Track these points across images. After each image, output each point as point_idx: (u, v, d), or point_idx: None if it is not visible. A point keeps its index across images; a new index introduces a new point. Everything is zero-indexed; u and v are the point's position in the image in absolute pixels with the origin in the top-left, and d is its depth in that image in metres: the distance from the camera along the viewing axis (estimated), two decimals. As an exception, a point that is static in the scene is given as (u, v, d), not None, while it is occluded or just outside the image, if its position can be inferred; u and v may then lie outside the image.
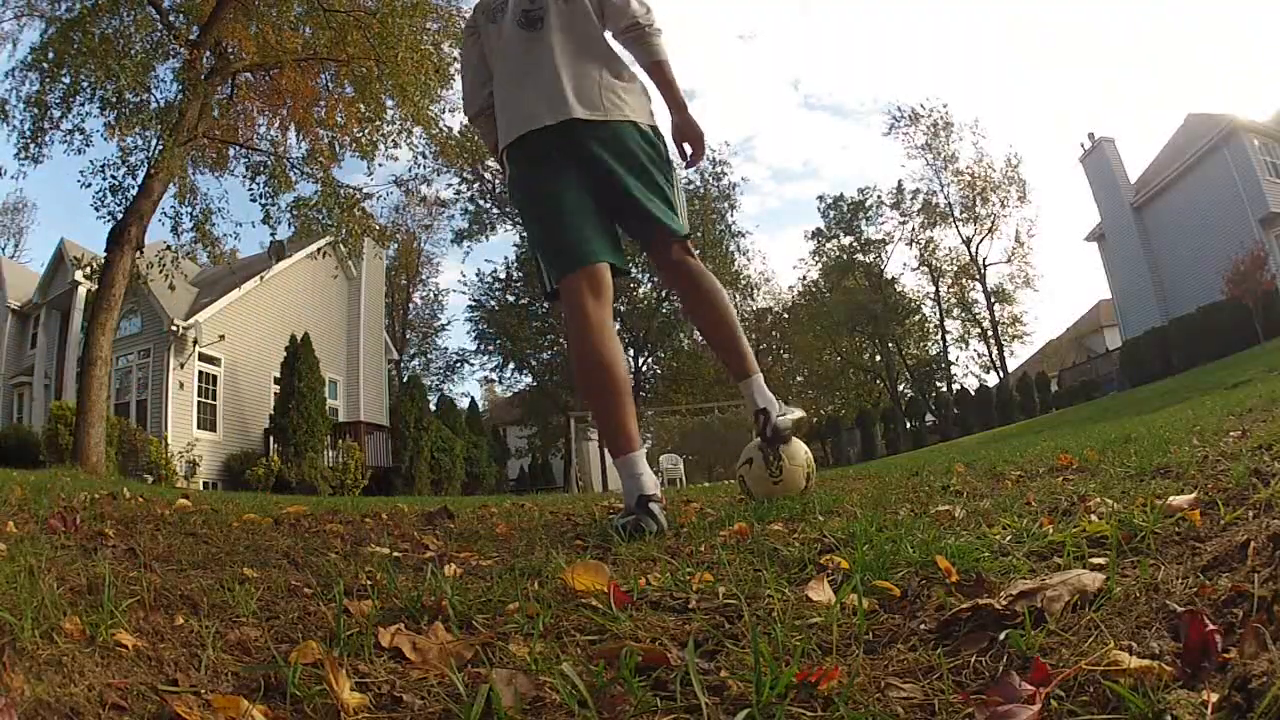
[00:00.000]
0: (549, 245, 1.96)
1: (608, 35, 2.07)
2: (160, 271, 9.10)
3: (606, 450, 1.84)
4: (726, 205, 28.97)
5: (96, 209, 8.53)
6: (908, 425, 26.47)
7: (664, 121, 2.15)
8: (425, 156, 9.95)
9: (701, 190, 28.37)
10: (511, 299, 28.83)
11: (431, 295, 34.64)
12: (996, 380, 29.01)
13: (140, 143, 8.66)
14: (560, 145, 1.94)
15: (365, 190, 10.27)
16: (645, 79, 2.11)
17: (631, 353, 28.18)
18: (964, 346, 32.28)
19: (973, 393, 26.36)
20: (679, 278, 2.10)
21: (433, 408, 19.88)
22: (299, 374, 14.51)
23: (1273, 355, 11.72)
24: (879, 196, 31.69)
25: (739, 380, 2.14)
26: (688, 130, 2.13)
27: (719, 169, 28.81)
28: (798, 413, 2.15)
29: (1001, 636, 0.73)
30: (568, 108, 1.92)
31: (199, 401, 14.81)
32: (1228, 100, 55.10)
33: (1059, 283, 60.06)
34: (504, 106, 2.05)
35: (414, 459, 15.73)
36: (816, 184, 58.45)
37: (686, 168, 2.26)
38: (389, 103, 9.52)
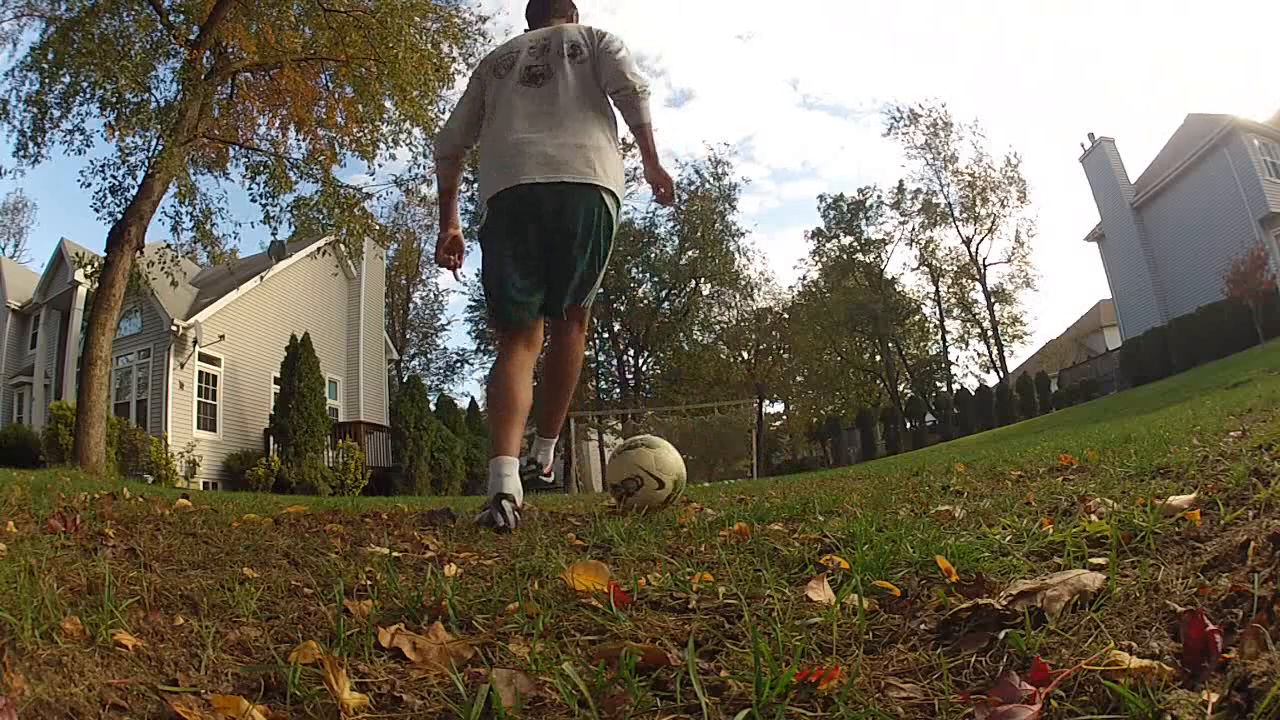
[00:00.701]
0: (504, 297, 2.21)
1: (605, 96, 2.27)
2: (161, 269, 9.12)
3: (489, 448, 2.12)
4: (726, 205, 28.99)
5: (96, 209, 8.55)
6: (908, 425, 26.45)
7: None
8: (425, 156, 9.94)
9: (701, 190, 28.35)
10: (511, 299, 28.79)
11: (431, 295, 34.64)
12: (996, 380, 28.96)
13: (140, 143, 8.67)
14: (538, 201, 2.12)
15: (365, 190, 10.27)
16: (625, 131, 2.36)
17: (631, 352, 28.15)
18: (964, 346, 32.20)
19: (973, 393, 26.32)
20: (559, 336, 2.41)
21: (433, 408, 19.85)
22: (299, 374, 14.50)
23: (1273, 355, 11.71)
24: (879, 196, 31.62)
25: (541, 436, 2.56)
26: (660, 178, 2.36)
27: (719, 169, 28.83)
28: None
29: (1001, 636, 0.73)
30: (561, 169, 2.12)
31: (199, 401, 14.81)
32: (1228, 100, 55.17)
33: (1059, 283, 59.94)
34: (498, 155, 2.20)
35: (414, 459, 15.72)
36: (816, 184, 58.35)
37: (660, 206, 2.64)
38: (388, 103, 9.52)
